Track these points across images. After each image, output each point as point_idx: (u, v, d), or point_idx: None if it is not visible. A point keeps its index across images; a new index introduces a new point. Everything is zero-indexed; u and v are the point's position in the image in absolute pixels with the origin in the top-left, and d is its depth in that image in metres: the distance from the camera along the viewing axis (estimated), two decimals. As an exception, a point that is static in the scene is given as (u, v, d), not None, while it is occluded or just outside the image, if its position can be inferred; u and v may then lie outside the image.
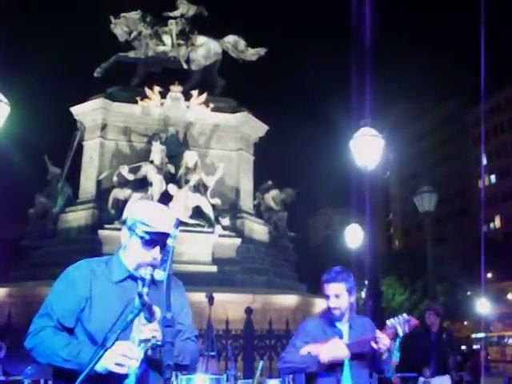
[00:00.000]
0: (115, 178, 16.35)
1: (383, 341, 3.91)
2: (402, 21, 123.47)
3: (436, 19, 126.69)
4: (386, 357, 4.00)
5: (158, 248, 2.80)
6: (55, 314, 2.76)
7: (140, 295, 2.47)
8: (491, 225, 76.03)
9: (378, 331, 4.03)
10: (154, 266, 2.73)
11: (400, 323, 3.94)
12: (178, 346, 2.68)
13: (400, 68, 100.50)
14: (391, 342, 3.95)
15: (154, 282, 2.67)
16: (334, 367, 4.04)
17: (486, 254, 32.21)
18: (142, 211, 2.86)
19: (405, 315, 4.00)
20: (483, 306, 43.17)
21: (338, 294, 4.17)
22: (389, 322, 3.98)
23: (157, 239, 2.79)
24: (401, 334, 3.95)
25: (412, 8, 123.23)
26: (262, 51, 20.07)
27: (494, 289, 56.07)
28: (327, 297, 4.21)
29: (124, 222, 2.95)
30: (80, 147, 18.20)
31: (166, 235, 2.78)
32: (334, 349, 4.00)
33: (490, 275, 54.18)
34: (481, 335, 44.17)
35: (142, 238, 2.80)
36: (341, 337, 4.13)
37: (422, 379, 8.48)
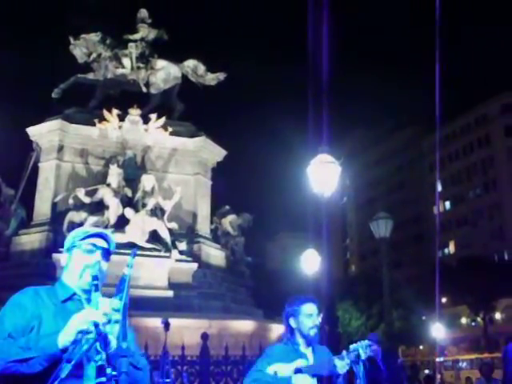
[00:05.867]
0: (71, 201, 16.13)
1: (344, 362, 3.96)
2: (360, 48, 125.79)
3: (396, 47, 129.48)
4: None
5: (99, 252, 2.89)
6: (5, 330, 2.62)
7: (96, 325, 2.42)
8: (446, 250, 77.22)
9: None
10: (97, 278, 2.71)
11: (362, 347, 4.02)
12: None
13: (358, 95, 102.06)
14: (354, 366, 4.00)
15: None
16: None
17: (441, 279, 32.65)
18: (76, 230, 3.05)
19: (366, 341, 4.10)
20: (438, 331, 43.64)
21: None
22: (351, 346, 4.05)
23: (95, 243, 2.89)
24: (363, 356, 4.01)
25: (371, 36, 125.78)
26: (221, 76, 20.20)
27: (449, 313, 56.85)
28: (311, 316, 4.21)
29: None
30: (35, 169, 17.92)
31: (104, 237, 2.92)
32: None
33: (444, 300, 54.90)
34: (438, 359, 44.59)
35: (82, 247, 2.90)
36: (306, 359, 4.11)
37: None
